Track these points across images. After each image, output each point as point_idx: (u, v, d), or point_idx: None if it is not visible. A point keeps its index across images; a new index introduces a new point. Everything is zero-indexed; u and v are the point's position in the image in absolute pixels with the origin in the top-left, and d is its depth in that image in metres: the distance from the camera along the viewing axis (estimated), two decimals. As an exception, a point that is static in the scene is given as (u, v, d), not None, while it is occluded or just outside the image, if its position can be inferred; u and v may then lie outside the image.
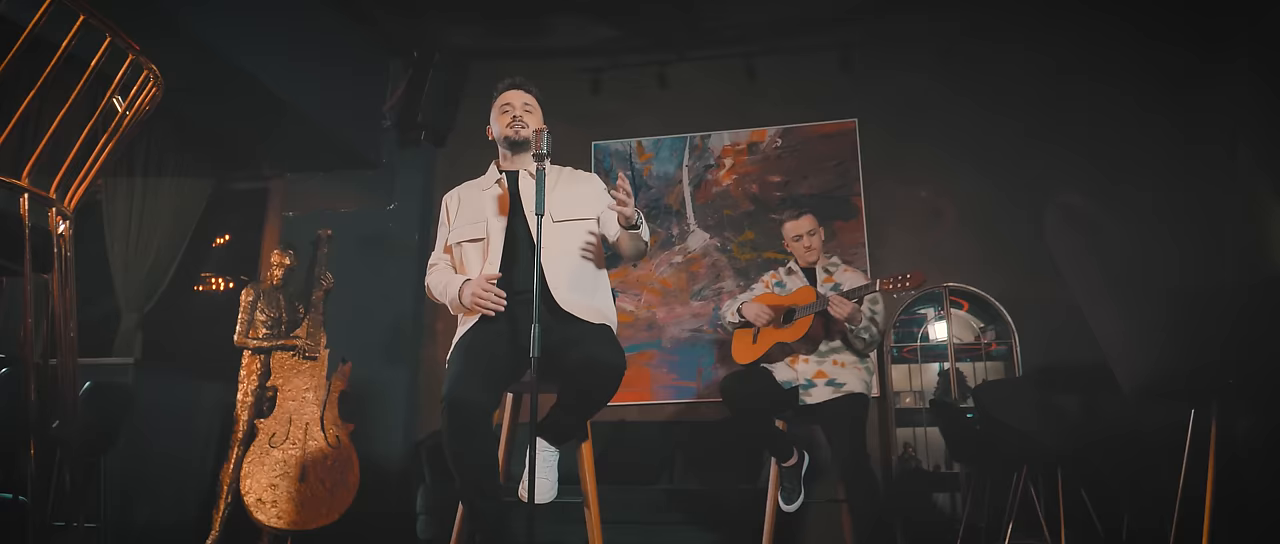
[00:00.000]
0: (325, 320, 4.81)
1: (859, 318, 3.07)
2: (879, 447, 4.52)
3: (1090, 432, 2.44)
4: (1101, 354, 2.07)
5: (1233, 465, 2.20)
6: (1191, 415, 1.23)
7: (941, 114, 4.90)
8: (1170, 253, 1.34)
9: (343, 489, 4.50)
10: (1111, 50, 4.68)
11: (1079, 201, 1.81)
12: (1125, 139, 4.48)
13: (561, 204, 2.39)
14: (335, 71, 5.07)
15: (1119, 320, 1.38)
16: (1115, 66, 4.68)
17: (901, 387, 4.70)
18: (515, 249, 2.31)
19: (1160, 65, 4.60)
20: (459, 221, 2.47)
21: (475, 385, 2.10)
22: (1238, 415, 1.91)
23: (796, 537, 4.13)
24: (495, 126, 2.49)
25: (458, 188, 2.62)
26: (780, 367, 3.24)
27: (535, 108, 2.51)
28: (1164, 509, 3.24)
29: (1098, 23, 4.72)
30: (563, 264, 2.29)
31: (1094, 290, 1.66)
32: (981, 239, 4.71)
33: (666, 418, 4.78)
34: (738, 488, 4.07)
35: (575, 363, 2.17)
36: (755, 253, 4.96)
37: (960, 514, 3.98)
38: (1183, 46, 4.56)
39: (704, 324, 4.91)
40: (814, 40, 5.15)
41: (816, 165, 5.01)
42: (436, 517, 4.15)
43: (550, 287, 2.22)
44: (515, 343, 2.23)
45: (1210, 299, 1.14)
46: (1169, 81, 4.58)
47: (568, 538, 3.50)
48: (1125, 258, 1.41)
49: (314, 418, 4.58)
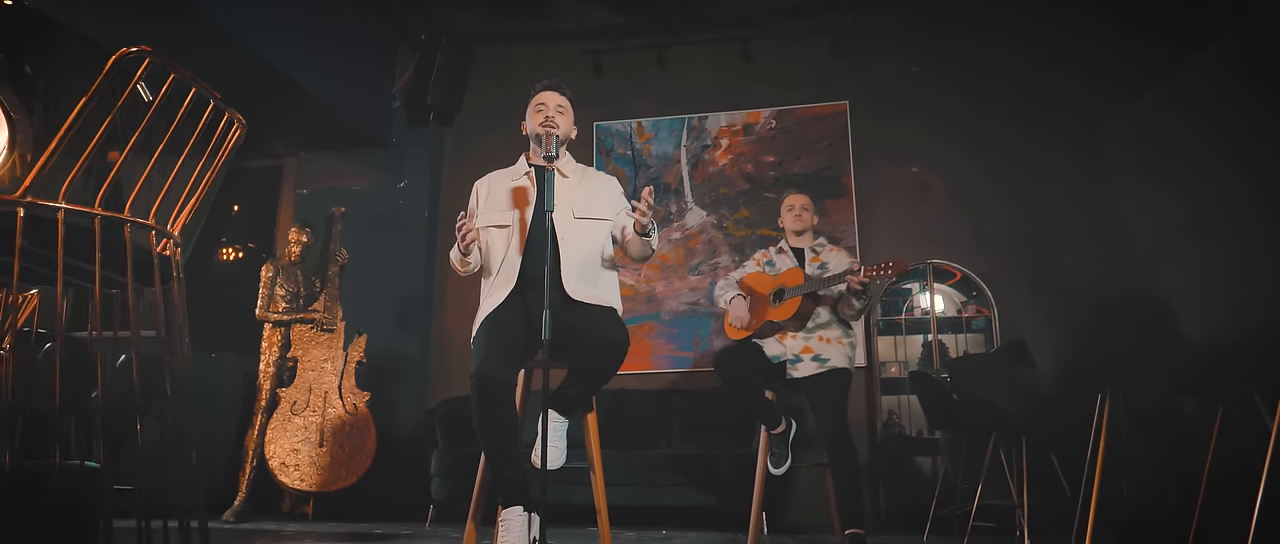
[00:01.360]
0: (341, 294, 5.05)
1: (866, 287, 3.25)
2: (865, 414, 4.80)
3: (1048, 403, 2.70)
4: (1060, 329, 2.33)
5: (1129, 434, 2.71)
6: (1098, 398, 1.46)
7: (929, 98, 5.11)
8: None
9: (360, 454, 4.78)
10: (1096, 41, 4.86)
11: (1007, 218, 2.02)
12: (1104, 125, 4.69)
13: (582, 202, 2.61)
14: (346, 55, 5.27)
15: (1039, 319, 1.61)
16: (1099, 57, 4.87)
17: (887, 357, 4.97)
18: (536, 239, 2.54)
19: (1142, 55, 4.79)
20: (486, 207, 2.68)
21: (499, 364, 2.35)
22: (1134, 396, 2.25)
23: (784, 497, 4.42)
24: (529, 123, 2.65)
25: (488, 175, 2.79)
26: (770, 342, 3.49)
27: (567, 109, 2.67)
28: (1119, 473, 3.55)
29: (1083, 15, 4.90)
30: (577, 257, 2.52)
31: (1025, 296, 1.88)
32: (965, 218, 4.94)
33: (664, 386, 5.04)
34: (731, 453, 4.33)
35: (585, 341, 2.41)
36: (750, 230, 5.19)
37: (939, 476, 4.27)
38: (1167, 38, 4.75)
39: (701, 298, 5.16)
40: (807, 25, 5.34)
41: (809, 146, 5.23)
42: (450, 479, 4.43)
43: (562, 275, 2.46)
44: (531, 326, 2.47)
45: (1110, 304, 1.36)
46: (1152, 71, 4.78)
47: (575, 498, 3.78)
48: (1048, 263, 1.63)
49: (332, 387, 4.85)
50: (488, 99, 5.63)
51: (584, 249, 2.56)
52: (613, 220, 2.66)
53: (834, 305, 3.45)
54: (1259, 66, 0.88)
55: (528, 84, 2.79)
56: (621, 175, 5.39)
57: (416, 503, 4.70)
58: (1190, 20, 4.68)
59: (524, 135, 2.70)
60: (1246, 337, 1.03)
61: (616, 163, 5.42)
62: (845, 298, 3.34)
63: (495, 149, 5.47)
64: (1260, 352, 1.02)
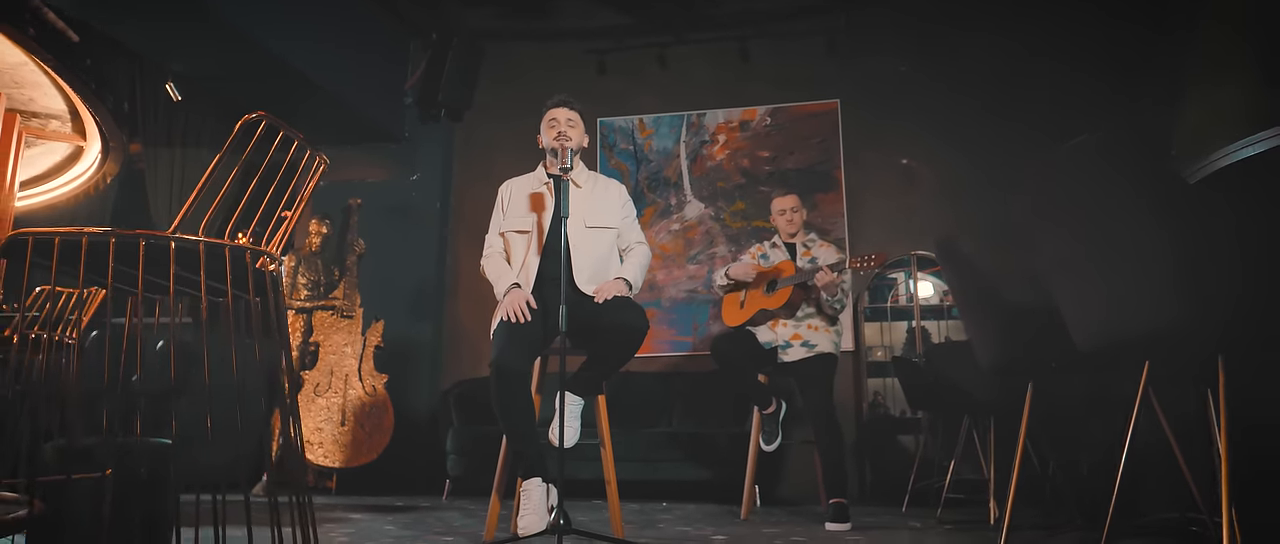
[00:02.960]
0: (359, 282, 5.35)
1: (835, 288, 3.60)
2: (852, 395, 5.12)
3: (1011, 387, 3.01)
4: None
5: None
6: (1028, 387, 1.74)
7: (916, 96, 5.39)
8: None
9: (380, 432, 5.10)
10: (1075, 29, 5.12)
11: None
12: (1078, 111, 4.97)
13: (593, 212, 2.90)
14: (360, 52, 5.53)
15: (968, 323, 1.90)
16: (1076, 47, 5.13)
17: (873, 342, 5.29)
18: (552, 244, 2.83)
19: (1116, 41, 5.05)
20: (510, 212, 2.97)
21: (516, 355, 2.64)
22: (1056, 385, 2.65)
23: (776, 471, 4.75)
24: (544, 137, 2.94)
25: (511, 181, 3.06)
26: (762, 329, 3.79)
27: (577, 121, 2.96)
28: (1079, 451, 3.88)
29: (1063, 7, 5.16)
30: (588, 261, 2.81)
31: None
32: (949, 210, 5.23)
33: (665, 369, 5.36)
34: (726, 431, 4.66)
35: (605, 327, 2.70)
36: (745, 221, 5.49)
37: (919, 452, 4.59)
38: (1140, 23, 5.01)
39: (699, 285, 5.47)
40: (803, 26, 5.61)
41: (802, 142, 5.51)
42: (465, 455, 4.75)
43: (575, 277, 2.76)
44: (546, 321, 2.77)
45: (1026, 312, 1.64)
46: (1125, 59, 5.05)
47: (583, 473, 4.11)
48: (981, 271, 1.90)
49: (352, 370, 5.16)
50: (497, 96, 5.91)
51: (595, 253, 2.85)
52: (618, 227, 2.95)
53: (819, 303, 3.75)
54: (1120, 157, 1.13)
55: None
56: (624, 170, 5.68)
57: (433, 478, 5.04)
58: (1155, 12, 4.95)
59: (540, 148, 2.98)
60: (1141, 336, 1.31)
61: (619, 158, 5.71)
62: (828, 301, 3.65)
63: (503, 144, 5.78)
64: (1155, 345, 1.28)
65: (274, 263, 1.50)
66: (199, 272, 1.37)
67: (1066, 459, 3.81)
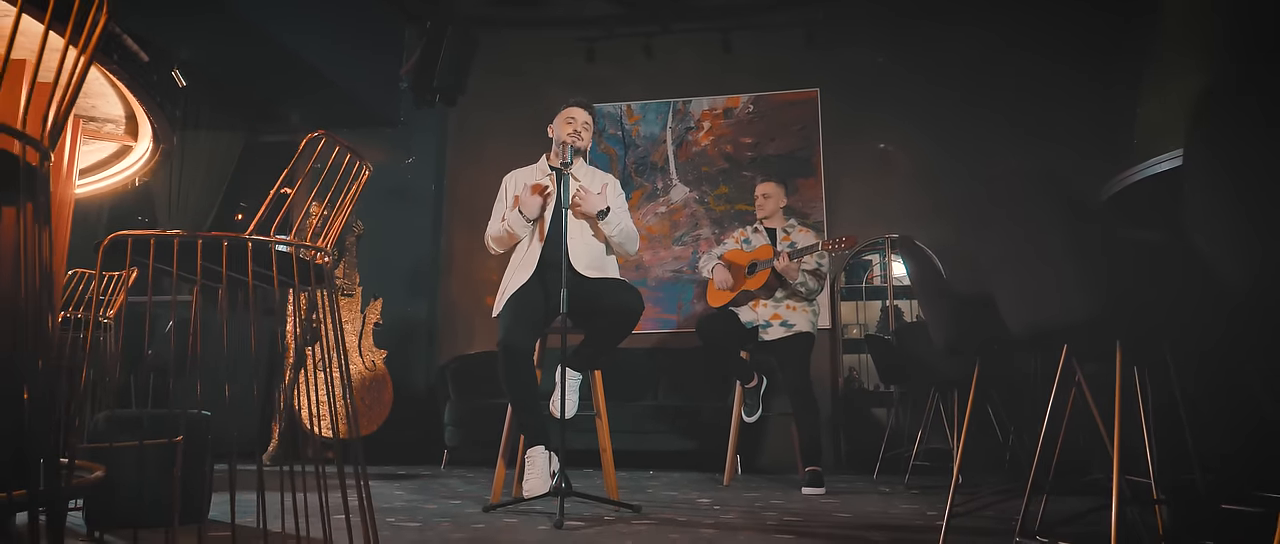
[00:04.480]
0: (358, 262, 5.56)
1: (794, 275, 3.86)
2: (829, 370, 5.42)
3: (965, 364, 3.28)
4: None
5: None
6: (976, 364, 2.00)
7: (893, 86, 5.65)
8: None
9: (379, 406, 5.34)
10: (1048, 19, 5.38)
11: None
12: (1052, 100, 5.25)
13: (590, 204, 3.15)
14: (357, 38, 5.71)
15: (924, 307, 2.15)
16: (1050, 36, 5.39)
17: (849, 320, 5.58)
18: (554, 231, 3.07)
19: (1085, 26, 5.31)
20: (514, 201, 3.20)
21: (520, 335, 2.90)
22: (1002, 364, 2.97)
23: (756, 442, 5.05)
24: (557, 129, 3.17)
25: (516, 172, 3.28)
26: (744, 310, 4.07)
27: (590, 125, 3.19)
28: (1037, 423, 4.20)
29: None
30: (585, 248, 3.06)
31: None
32: (923, 194, 5.52)
33: (652, 345, 5.63)
34: (710, 404, 4.94)
35: (604, 307, 2.95)
36: (728, 205, 5.75)
37: (891, 424, 4.91)
38: (1109, 9, 5.27)
39: (684, 266, 5.73)
40: (783, 17, 5.84)
41: (783, 129, 5.77)
42: (461, 427, 5.01)
43: (573, 262, 3.01)
44: (548, 303, 3.03)
45: (970, 300, 1.91)
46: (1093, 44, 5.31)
47: (576, 443, 4.38)
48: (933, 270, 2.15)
49: (353, 345, 5.39)
50: (489, 82, 6.11)
51: (592, 242, 3.11)
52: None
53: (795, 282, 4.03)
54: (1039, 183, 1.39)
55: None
56: (612, 154, 5.91)
57: (430, 448, 5.30)
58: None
59: (550, 136, 3.21)
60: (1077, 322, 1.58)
61: (608, 142, 5.94)
62: (791, 286, 3.92)
63: (496, 129, 6.00)
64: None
65: (326, 257, 1.74)
66: (270, 266, 1.61)
67: (1023, 430, 4.14)
